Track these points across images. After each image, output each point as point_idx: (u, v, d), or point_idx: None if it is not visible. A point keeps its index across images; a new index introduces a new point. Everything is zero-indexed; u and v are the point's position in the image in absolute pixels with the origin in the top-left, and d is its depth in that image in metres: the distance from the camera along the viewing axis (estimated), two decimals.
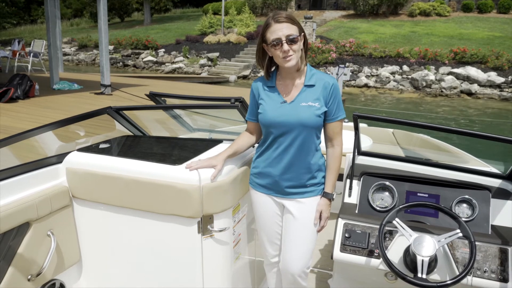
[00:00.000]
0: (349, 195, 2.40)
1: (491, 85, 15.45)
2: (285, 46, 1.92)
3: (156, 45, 23.09)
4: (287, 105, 2.04)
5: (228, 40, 21.87)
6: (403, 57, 17.61)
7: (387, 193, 2.35)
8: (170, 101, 2.68)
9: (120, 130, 2.84)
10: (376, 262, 2.12)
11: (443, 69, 16.39)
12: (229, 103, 2.29)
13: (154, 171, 2.03)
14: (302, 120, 2.01)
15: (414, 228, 2.03)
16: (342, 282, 2.43)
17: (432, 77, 15.97)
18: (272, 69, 2.12)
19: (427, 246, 1.90)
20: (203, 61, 20.45)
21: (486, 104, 14.35)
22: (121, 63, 22.63)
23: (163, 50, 22.56)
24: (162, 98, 2.57)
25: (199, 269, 2.10)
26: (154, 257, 2.16)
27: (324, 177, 2.17)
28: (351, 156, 2.54)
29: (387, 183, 2.34)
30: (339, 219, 2.24)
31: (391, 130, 4.37)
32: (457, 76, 15.92)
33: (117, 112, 2.51)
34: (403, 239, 2.07)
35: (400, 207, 2.05)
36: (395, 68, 17.18)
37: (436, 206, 2.02)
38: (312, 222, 2.13)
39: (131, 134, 2.77)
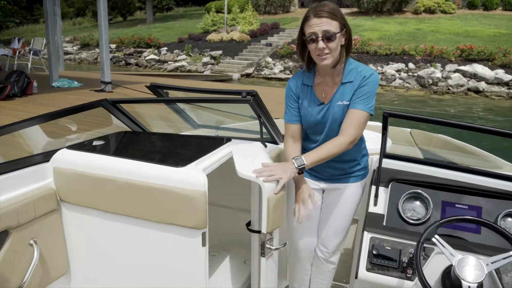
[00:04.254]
0: (375, 204, 2.13)
1: (499, 82, 15.15)
2: (321, 44, 1.81)
3: (158, 44, 22.89)
4: (325, 106, 2.01)
5: (231, 38, 21.64)
6: (409, 54, 17.34)
7: (418, 203, 2.06)
8: (173, 95, 2.44)
9: (119, 126, 2.62)
10: (409, 285, 1.85)
11: (450, 67, 16.11)
12: (240, 97, 2.05)
13: (152, 173, 1.80)
14: (337, 120, 1.98)
15: (453, 246, 1.75)
16: None
17: (438, 74, 15.70)
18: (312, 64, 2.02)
19: (474, 269, 1.62)
20: (206, 59, 20.22)
21: (497, 102, 14.07)
22: (123, 62, 22.43)
23: (166, 48, 22.35)
24: (164, 91, 2.33)
25: (203, 283, 1.87)
26: (152, 271, 1.93)
27: (368, 160, 2.20)
28: (375, 159, 2.30)
29: (420, 191, 2.06)
30: (365, 232, 1.98)
31: (409, 129, 4.10)
32: (464, 74, 15.63)
33: (113, 105, 2.28)
34: (441, 258, 1.81)
35: (441, 221, 1.77)
36: (401, 65, 16.92)
37: (489, 224, 1.72)
38: (352, 204, 2.17)
39: (130, 130, 2.54)
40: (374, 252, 1.90)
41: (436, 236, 1.73)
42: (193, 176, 1.75)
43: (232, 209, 2.86)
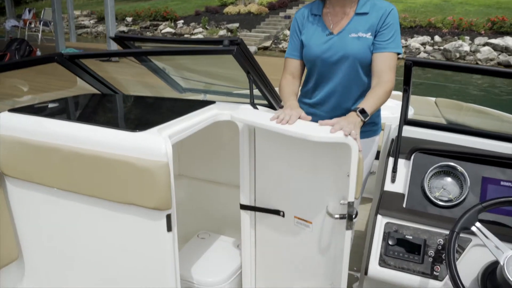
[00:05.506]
0: (393, 181, 1.68)
1: None
2: None
3: (175, 16, 22.46)
4: (334, 37, 1.80)
5: (248, 10, 21.01)
6: (435, 27, 16.43)
7: (450, 180, 1.59)
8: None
9: (91, 89, 2.24)
10: (436, 285, 1.40)
11: (479, 40, 15.19)
12: (221, 46, 1.64)
13: (102, 140, 1.43)
14: (349, 54, 1.76)
15: (500, 237, 1.30)
16: None
17: (466, 48, 14.83)
18: None
19: None
20: (222, 32, 19.72)
21: None
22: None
23: (182, 21, 21.91)
24: (136, 44, 1.94)
25: (171, 278, 1.52)
26: (112, 261, 1.59)
27: (379, 116, 1.97)
28: (393, 127, 1.87)
29: (453, 164, 1.59)
30: (379, 216, 1.54)
31: (433, 99, 3.59)
32: (495, 47, 14.71)
33: (71, 61, 1.90)
34: (480, 252, 1.37)
35: (485, 203, 1.30)
36: (426, 38, 16.06)
37: None
38: (366, 163, 1.96)
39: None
40: (390, 242, 1.47)
41: (478, 224, 1.29)
42: (153, 143, 1.38)
43: (225, 185, 2.49)
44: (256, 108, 1.87)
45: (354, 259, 2.52)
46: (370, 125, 1.95)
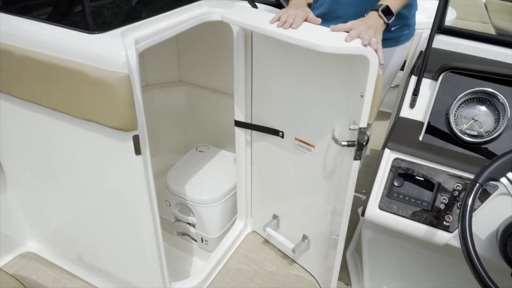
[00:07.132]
0: (412, 106, 1.36)
1: None
2: None
3: None
4: None
5: None
6: None
7: (485, 109, 1.24)
8: None
9: None
10: (445, 237, 1.16)
11: None
12: None
13: (53, 42, 1.19)
14: None
15: None
16: (377, 225, 1.60)
17: None
18: None
19: None
20: None
21: None
22: None
23: None
24: None
25: (145, 204, 1.37)
26: (84, 179, 1.46)
27: (413, 16, 1.60)
28: (424, 35, 1.51)
29: (492, 90, 1.23)
30: (386, 149, 1.26)
31: (484, 0, 3.01)
32: None
33: None
34: (505, 204, 1.10)
35: None
36: None
37: None
38: (388, 68, 1.63)
39: None
40: (395, 183, 1.22)
41: (510, 174, 0.99)
42: (111, 48, 1.12)
43: (230, 96, 2.26)
44: (255, 7, 1.54)
45: (365, 180, 2.31)
46: (401, 29, 1.57)
